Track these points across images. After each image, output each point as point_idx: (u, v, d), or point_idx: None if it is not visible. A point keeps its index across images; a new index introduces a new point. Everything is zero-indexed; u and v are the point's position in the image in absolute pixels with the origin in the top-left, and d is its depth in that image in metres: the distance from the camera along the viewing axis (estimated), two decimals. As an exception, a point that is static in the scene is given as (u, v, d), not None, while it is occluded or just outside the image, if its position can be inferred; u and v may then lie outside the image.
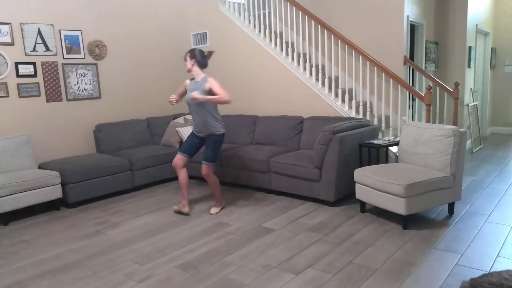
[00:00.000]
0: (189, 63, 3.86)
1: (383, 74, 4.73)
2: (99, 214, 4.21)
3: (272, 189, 4.56)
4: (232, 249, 3.16)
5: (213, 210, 4.06)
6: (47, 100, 4.93)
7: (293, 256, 3.00)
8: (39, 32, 4.82)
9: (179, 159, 3.98)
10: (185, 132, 5.43)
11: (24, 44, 4.70)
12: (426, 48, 6.14)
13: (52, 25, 4.93)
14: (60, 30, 5.01)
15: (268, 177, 4.56)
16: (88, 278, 2.81)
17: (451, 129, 3.46)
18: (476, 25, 6.78)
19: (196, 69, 3.87)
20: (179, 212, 4.07)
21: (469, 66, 6.58)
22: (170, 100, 3.84)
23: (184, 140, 5.39)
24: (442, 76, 6.63)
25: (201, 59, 3.88)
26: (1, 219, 4.02)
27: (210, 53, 3.96)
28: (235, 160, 4.82)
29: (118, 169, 4.78)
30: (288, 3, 5.27)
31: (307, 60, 5.10)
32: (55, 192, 4.30)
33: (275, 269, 2.80)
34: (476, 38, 6.89)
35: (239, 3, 5.96)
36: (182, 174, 4.01)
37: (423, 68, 6.06)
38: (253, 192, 4.74)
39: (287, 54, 5.37)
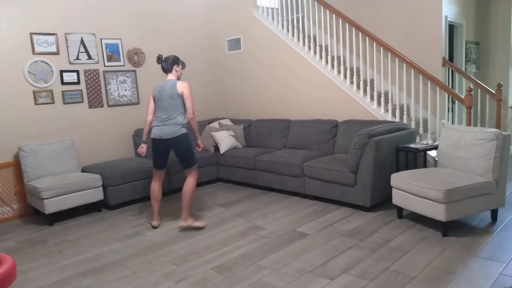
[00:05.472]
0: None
1: (421, 76, 4.61)
2: (138, 216, 4.34)
3: (306, 193, 4.54)
4: (266, 253, 3.18)
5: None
6: (90, 106, 5.16)
7: (328, 261, 2.97)
8: (82, 41, 5.05)
9: None
10: (220, 136, 5.51)
11: (68, 53, 4.94)
12: (466, 48, 5.93)
13: (94, 34, 5.16)
14: (101, 39, 5.24)
15: (301, 181, 4.54)
16: (128, 277, 2.92)
17: (494, 133, 3.32)
18: (521, 23, 6.48)
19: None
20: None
21: (513, 67, 6.29)
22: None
23: (218, 144, 5.48)
24: (483, 77, 6.37)
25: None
26: (47, 220, 4.24)
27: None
28: (268, 164, 4.84)
29: (155, 172, 4.91)
30: (322, 6, 5.25)
31: (341, 63, 5.05)
32: (97, 195, 4.48)
33: (310, 274, 2.79)
34: (521, 37, 6.58)
35: (272, 8, 6.00)
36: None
37: (463, 70, 5.86)
38: (287, 196, 4.74)
39: (320, 57, 5.35)
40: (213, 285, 2.72)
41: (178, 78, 3.81)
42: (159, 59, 3.77)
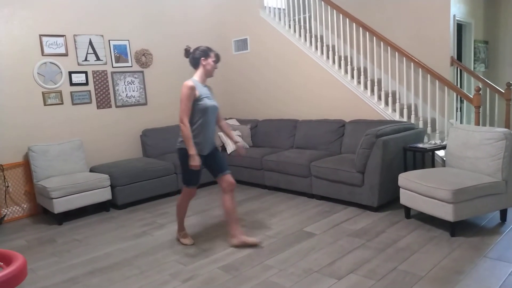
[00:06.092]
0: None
1: (429, 75, 4.58)
2: (145, 216, 4.37)
3: (313, 193, 4.54)
4: (273, 253, 3.18)
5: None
6: (98, 107, 5.20)
7: (335, 261, 2.97)
8: (90, 43, 5.10)
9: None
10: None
11: (76, 55, 4.99)
12: (474, 47, 5.88)
13: (102, 35, 5.20)
14: (109, 40, 5.28)
15: (308, 181, 4.54)
16: (135, 276, 2.94)
17: (503, 132, 3.29)
18: (531, 22, 6.41)
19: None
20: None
21: (523, 66, 6.22)
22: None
23: (225, 148, 5.49)
24: (492, 77, 6.31)
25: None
26: (56, 219, 4.29)
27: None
28: (275, 164, 4.84)
29: (163, 172, 4.94)
30: (329, 6, 5.24)
31: (349, 63, 5.04)
32: (105, 194, 4.52)
33: (317, 274, 2.78)
34: (531, 36, 6.51)
35: (279, 8, 6.00)
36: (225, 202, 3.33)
37: (472, 69, 5.81)
38: (294, 196, 4.73)
39: (327, 57, 5.34)
40: (220, 285, 2.72)
41: (209, 75, 3.21)
42: (187, 52, 3.21)
